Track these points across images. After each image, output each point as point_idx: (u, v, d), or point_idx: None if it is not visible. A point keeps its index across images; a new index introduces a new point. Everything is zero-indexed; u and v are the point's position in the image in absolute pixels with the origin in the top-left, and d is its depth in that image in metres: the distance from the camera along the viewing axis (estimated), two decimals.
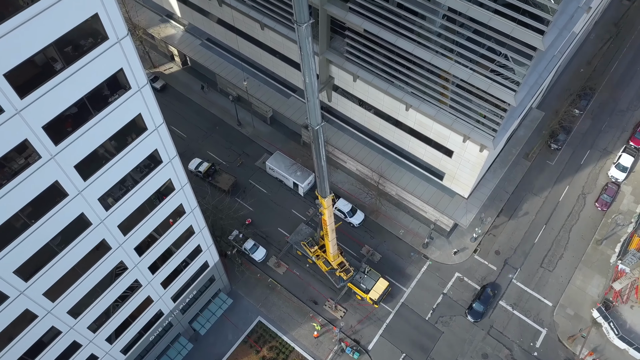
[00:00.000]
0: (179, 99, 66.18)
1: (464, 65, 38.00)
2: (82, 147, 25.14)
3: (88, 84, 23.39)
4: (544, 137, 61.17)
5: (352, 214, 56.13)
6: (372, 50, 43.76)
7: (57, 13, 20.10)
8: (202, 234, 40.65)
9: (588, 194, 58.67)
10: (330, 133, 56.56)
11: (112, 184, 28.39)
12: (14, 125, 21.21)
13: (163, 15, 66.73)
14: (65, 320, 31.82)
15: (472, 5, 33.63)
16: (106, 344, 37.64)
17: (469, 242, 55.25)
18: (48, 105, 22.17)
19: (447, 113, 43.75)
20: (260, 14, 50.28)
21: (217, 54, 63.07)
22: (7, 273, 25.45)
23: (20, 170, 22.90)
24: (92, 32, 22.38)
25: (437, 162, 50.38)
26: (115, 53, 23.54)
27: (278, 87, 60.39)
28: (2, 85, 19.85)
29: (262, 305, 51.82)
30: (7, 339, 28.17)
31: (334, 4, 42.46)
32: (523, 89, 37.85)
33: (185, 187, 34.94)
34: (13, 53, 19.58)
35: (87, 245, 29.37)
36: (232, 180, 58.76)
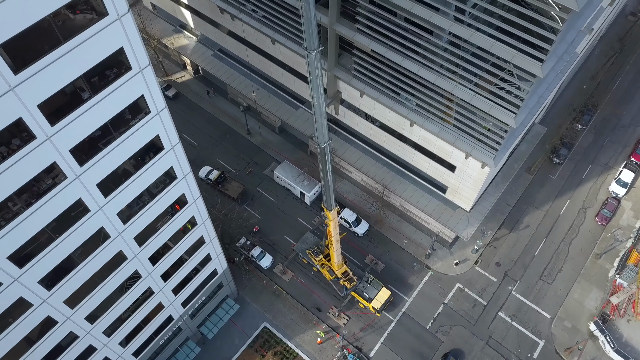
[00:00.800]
0: (190, 107, 68.04)
1: (466, 87, 39.46)
2: (104, 167, 26.92)
3: (112, 111, 25.16)
4: (547, 151, 62.43)
5: (357, 224, 57.71)
6: (378, 69, 45.31)
7: (86, 49, 21.84)
8: (212, 243, 42.40)
9: (588, 209, 59.89)
10: (337, 144, 58.18)
11: (130, 199, 30.19)
12: (46, 149, 22.99)
13: (176, 26, 68.62)
14: (82, 326, 33.66)
15: (475, 32, 35.10)
16: (119, 347, 39.48)
17: (471, 254, 56.66)
18: (75, 130, 23.94)
19: (450, 130, 45.21)
20: (271, 30, 51.95)
21: (228, 64, 64.85)
22: (32, 283, 27.28)
23: (49, 189, 24.71)
24: (117, 63, 24.13)
25: (440, 176, 51.83)
26: (137, 82, 25.29)
27: (287, 98, 62.08)
28: (35, 115, 21.63)
29: (268, 311, 53.53)
30: (30, 342, 30.04)
31: (343, 24, 44.06)
32: (523, 111, 39.27)
33: (198, 201, 36.68)
34: (46, 85, 21.35)
35: (105, 256, 31.20)
36: (240, 188, 60.51)
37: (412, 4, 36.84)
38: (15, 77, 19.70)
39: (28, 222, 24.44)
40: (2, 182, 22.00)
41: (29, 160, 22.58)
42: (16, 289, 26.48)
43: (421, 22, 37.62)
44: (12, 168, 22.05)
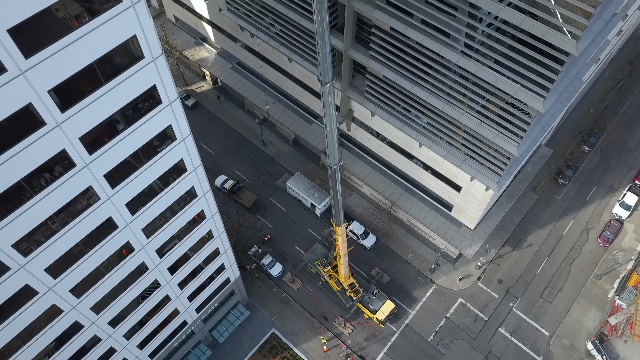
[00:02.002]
0: (208, 117, 70.72)
1: (472, 115, 41.47)
2: (133, 188, 29.46)
3: (143, 139, 27.69)
4: (552, 171, 64.02)
5: (365, 237, 59.87)
6: (389, 93, 47.44)
7: (124, 88, 24.39)
8: (227, 254, 44.89)
9: (591, 230, 61.41)
10: (348, 160, 60.43)
11: (154, 216, 32.74)
12: (84, 176, 25.58)
13: (198, 39, 71.34)
14: (105, 329, 36.31)
15: (481, 67, 37.12)
16: (137, 349, 42.14)
17: (474, 270, 58.54)
18: (110, 158, 26.49)
19: (457, 154, 47.20)
20: (288, 50, 54.30)
21: (246, 77, 67.42)
22: (64, 292, 29.92)
23: (84, 209, 27.31)
24: (149, 97, 26.63)
25: (446, 195, 53.81)
26: (167, 115, 27.80)
27: (301, 113, 64.47)
28: (77, 146, 24.20)
29: (277, 318, 55.93)
30: (62, 342, 32.77)
31: (357, 49, 46.28)
32: (526, 140, 41.17)
33: (215, 216, 39.18)
34: (89, 118, 23.93)
35: (128, 268, 33.81)
36: (254, 198, 62.99)
37: (423, 36, 38.96)
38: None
39: (64, 239, 27.08)
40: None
41: (67, 186, 25.16)
42: (48, 296, 29.16)
43: (431, 53, 39.70)
44: (54, 193, 24.69)
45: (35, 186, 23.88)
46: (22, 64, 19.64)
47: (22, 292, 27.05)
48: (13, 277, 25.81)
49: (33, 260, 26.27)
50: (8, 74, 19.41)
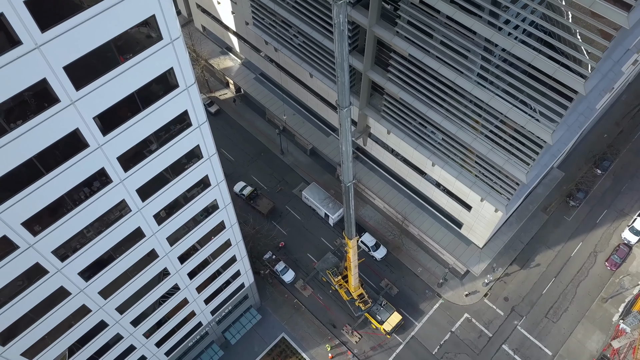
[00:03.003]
0: (230, 125, 73.23)
1: (483, 141, 43.09)
2: (160, 201, 31.84)
3: (173, 158, 30.03)
4: (564, 193, 65.08)
5: (376, 248, 61.71)
6: (405, 114, 49.25)
7: (159, 113, 26.73)
8: (243, 261, 47.17)
9: (600, 253, 62.36)
10: (363, 173, 62.35)
11: (178, 226, 35.09)
12: (118, 191, 28.01)
13: (223, 48, 73.91)
14: (127, 328, 38.84)
15: (494, 97, 38.78)
16: (154, 347, 44.67)
17: (481, 286, 59.98)
18: (143, 175, 28.88)
19: (468, 175, 48.80)
20: (309, 66, 56.41)
21: (268, 88, 69.76)
22: (94, 293, 32.44)
23: (116, 219, 29.77)
24: (180, 120, 28.92)
25: (456, 213, 55.39)
26: (196, 136, 30.10)
27: (319, 125, 66.57)
28: (114, 165, 26.62)
29: (287, 323, 58.10)
30: (88, 338, 35.32)
31: (376, 71, 48.19)
32: (535, 167, 42.65)
33: (234, 226, 41.46)
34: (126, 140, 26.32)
35: (152, 272, 36.26)
36: (270, 205, 65.26)
37: (439, 65, 40.75)
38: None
39: (97, 246, 29.57)
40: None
41: (103, 199, 27.60)
42: (79, 297, 31.69)
43: (446, 80, 41.45)
44: (92, 205, 27.15)
45: (76, 199, 26.35)
46: (72, 94, 22.03)
47: (57, 293, 29.60)
48: (51, 280, 28.35)
49: (68, 265, 28.78)
50: (60, 104, 21.82)
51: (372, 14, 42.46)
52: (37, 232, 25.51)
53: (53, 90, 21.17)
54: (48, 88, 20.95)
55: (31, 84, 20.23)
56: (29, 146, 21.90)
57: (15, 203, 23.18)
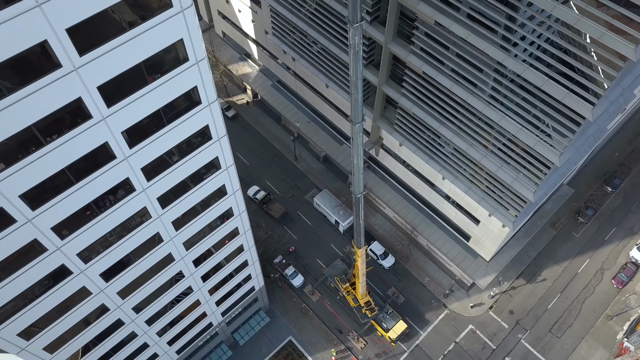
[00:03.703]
0: (246, 129, 74.87)
1: (493, 159, 44.08)
2: (179, 209, 33.40)
3: (193, 168, 31.59)
4: (573, 209, 65.59)
5: (384, 257, 62.84)
6: (417, 128, 50.39)
7: (182, 128, 28.26)
8: (254, 265, 48.69)
9: (606, 270, 62.80)
10: (374, 182, 63.56)
11: (194, 232, 36.68)
12: (141, 199, 29.62)
13: (242, 54, 75.60)
14: (141, 326, 40.54)
15: (504, 117, 39.80)
16: (166, 345, 46.37)
17: (487, 299, 60.79)
18: (164, 184, 30.46)
19: (477, 190, 49.76)
20: (326, 78, 57.78)
21: (285, 96, 71.27)
22: (112, 293, 34.14)
23: (137, 225, 31.38)
24: (201, 133, 30.47)
25: (465, 226, 56.35)
26: (215, 149, 31.64)
27: (333, 133, 67.91)
28: (138, 175, 28.22)
29: (295, 326, 59.51)
30: (106, 334, 37.06)
31: (391, 86, 49.39)
32: (543, 186, 43.52)
33: (248, 232, 42.98)
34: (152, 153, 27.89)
35: (168, 275, 37.89)
36: (283, 210, 66.73)
37: (452, 83, 41.86)
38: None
39: (118, 250, 31.20)
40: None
41: (126, 207, 29.22)
42: (99, 297, 33.40)
43: (459, 99, 42.53)
44: (117, 212, 28.80)
45: (101, 206, 28.00)
46: (104, 111, 23.64)
47: (79, 292, 31.30)
48: (74, 280, 30.06)
49: (91, 267, 30.47)
50: (92, 120, 23.45)
51: (389, 31, 43.69)
52: (64, 236, 27.22)
53: (87, 108, 22.79)
54: (82, 106, 22.58)
55: (68, 102, 21.85)
56: (63, 157, 23.54)
57: (47, 209, 24.88)
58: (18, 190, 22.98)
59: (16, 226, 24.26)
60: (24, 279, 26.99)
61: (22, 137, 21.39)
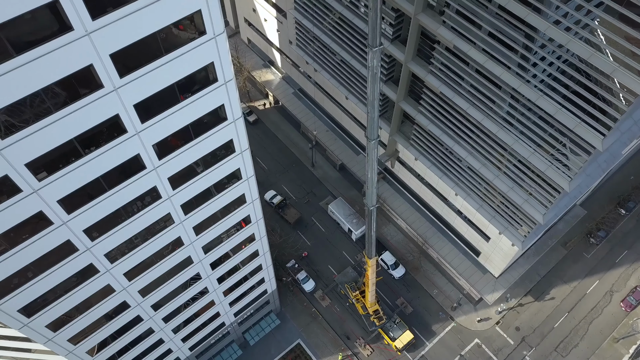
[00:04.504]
0: (266, 134, 76.79)
1: (505, 180, 45.15)
2: (201, 215, 35.29)
3: (216, 178, 33.45)
4: (585, 229, 66.03)
5: (395, 267, 64.13)
6: (432, 145, 51.63)
7: (209, 141, 30.11)
8: (268, 270, 50.47)
9: (616, 293, 63.16)
10: (388, 194, 64.88)
11: (213, 237, 38.57)
12: (166, 206, 31.55)
13: (266, 61, 77.56)
14: (158, 323, 42.57)
15: (517, 141, 40.89)
16: (180, 342, 48.40)
17: (494, 314, 61.68)
18: (188, 192, 32.36)
19: (489, 209, 50.80)
20: (346, 90, 59.32)
21: (305, 104, 73.01)
22: (134, 291, 36.19)
23: (161, 229, 33.34)
24: (225, 146, 32.25)
25: (475, 242, 57.36)
26: (237, 161, 33.45)
27: (351, 143, 69.40)
28: (165, 184, 30.14)
29: (304, 330, 61.16)
30: (126, 329, 39.14)
31: (409, 102, 50.75)
32: (553, 209, 44.45)
33: (263, 238, 44.76)
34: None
35: (186, 276, 39.84)
36: (297, 215, 68.44)
37: (468, 105, 43.07)
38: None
39: (142, 251, 33.23)
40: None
41: (151, 213, 31.16)
42: (122, 294, 35.47)
43: (474, 120, 43.72)
44: (143, 217, 30.75)
45: (129, 212, 29.97)
46: (138, 126, 25.57)
47: (104, 290, 33.38)
48: (100, 278, 32.11)
49: (117, 266, 32.51)
50: (127, 134, 25.38)
51: (409, 51, 45.08)
52: (94, 237, 29.25)
53: (123, 123, 24.72)
54: (119, 122, 24.52)
55: (107, 118, 23.79)
56: (98, 167, 25.52)
57: (81, 213, 26.91)
58: (57, 196, 25.02)
59: (52, 228, 26.33)
60: (56, 276, 29.10)
61: (64, 148, 23.39)
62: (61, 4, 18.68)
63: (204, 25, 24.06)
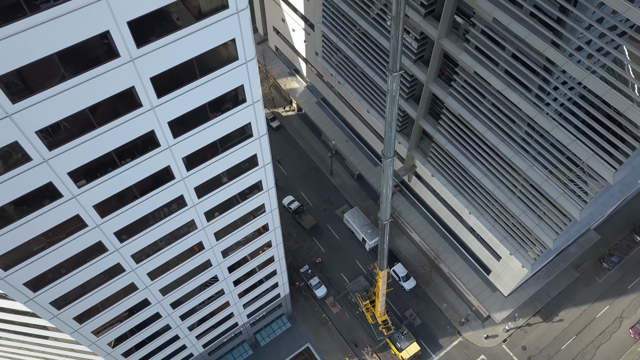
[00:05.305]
0: (288, 141, 78.72)
1: (517, 203, 46.16)
2: (222, 222, 37.25)
3: (238, 189, 35.34)
4: (598, 254, 66.30)
5: (406, 279, 65.38)
6: (449, 163, 52.82)
7: (234, 156, 32.00)
8: (282, 275, 52.30)
9: (625, 319, 63.34)
10: (403, 207, 66.17)
11: (232, 242, 40.49)
12: (190, 212, 33.57)
13: (292, 69, 79.51)
14: (175, 320, 44.72)
15: (532, 167, 41.92)
16: (195, 339, 50.54)
17: (501, 331, 62.46)
18: (212, 201, 34.31)
19: (500, 229, 51.79)
20: (367, 104, 60.82)
21: (327, 113, 74.72)
22: (156, 290, 38.34)
23: (184, 234, 35.36)
24: (250, 160, 34.12)
25: (487, 260, 58.31)
26: (260, 174, 35.32)
27: (369, 154, 70.88)
28: (190, 193, 32.12)
29: (313, 334, 62.85)
30: (141, 326, 41.37)
31: (428, 121, 52.05)
32: (563, 235, 45.28)
33: (279, 245, 46.59)
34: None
35: (204, 278, 41.88)
36: (313, 222, 70.16)
37: (485, 129, 44.24)
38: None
39: (166, 254, 35.32)
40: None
41: (177, 219, 33.18)
42: (144, 292, 37.62)
43: (490, 144, 44.84)
44: (170, 222, 32.82)
45: (157, 217, 32.05)
46: (170, 141, 27.54)
47: (128, 287, 35.57)
48: (126, 277, 34.30)
49: (141, 267, 34.65)
50: (160, 148, 27.39)
51: (430, 73, 46.42)
52: (123, 239, 31.40)
53: (157, 138, 26.72)
54: (154, 137, 26.53)
55: (141, 134, 25.83)
56: (132, 176, 27.60)
57: (113, 217, 29.05)
58: (93, 202, 27.17)
59: (86, 230, 28.51)
60: (86, 273, 31.32)
61: (103, 159, 25.49)
62: (111, 34, 20.67)
63: (236, 52, 25.92)
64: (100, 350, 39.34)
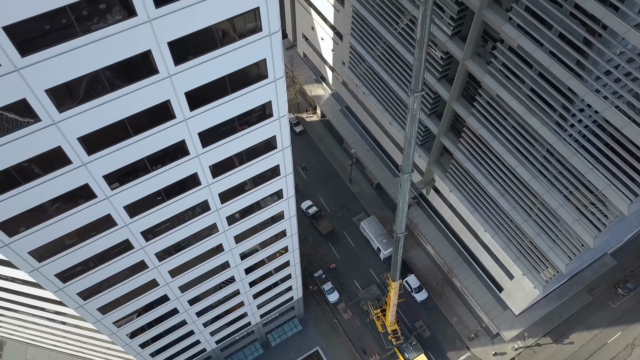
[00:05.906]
0: (310, 146, 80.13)
1: (532, 226, 46.66)
2: (243, 226, 38.79)
3: (261, 196, 36.83)
4: (613, 279, 66.00)
5: (418, 291, 66.11)
6: (467, 181, 53.50)
7: (258, 165, 33.48)
8: (296, 279, 53.69)
9: (637, 347, 62.95)
10: (420, 219, 66.93)
11: (251, 246, 42.03)
12: (213, 216, 35.17)
13: (318, 76, 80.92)
14: (192, 316, 46.49)
15: (549, 190, 42.45)
16: (209, 335, 52.31)
17: (510, 350, 62.71)
18: (234, 206, 35.86)
19: (514, 249, 52.27)
20: (390, 116, 61.80)
21: (350, 121, 75.89)
22: (175, 287, 40.10)
23: (206, 236, 37.01)
24: (272, 170, 35.56)
25: (499, 278, 58.73)
26: (281, 183, 36.72)
27: (389, 164, 71.80)
28: (214, 198, 33.71)
29: (323, 339, 64.10)
30: (160, 319, 43.19)
31: (449, 137, 52.83)
32: (576, 261, 45.61)
33: (295, 251, 48.01)
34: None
35: (221, 278, 43.52)
36: (330, 227, 71.40)
37: (504, 150, 44.89)
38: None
39: (187, 254, 37.03)
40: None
41: (200, 222, 34.84)
42: (164, 288, 39.41)
43: (508, 165, 45.45)
44: (194, 224, 34.50)
45: (181, 220, 33.74)
46: (199, 150, 29.17)
47: (149, 283, 37.38)
48: (148, 273, 36.11)
49: (163, 264, 36.41)
50: (189, 156, 29.00)
51: (454, 91, 47.25)
52: (149, 239, 33.17)
53: (187, 147, 28.36)
54: (184, 146, 28.16)
55: (172, 143, 27.46)
56: (162, 181, 29.28)
57: (142, 218, 30.81)
58: (124, 203, 28.93)
59: (116, 228, 30.33)
60: (112, 268, 33.18)
61: (136, 165, 27.20)
62: (152, 53, 22.28)
63: (267, 71, 27.35)
64: (120, 340, 41.29)
